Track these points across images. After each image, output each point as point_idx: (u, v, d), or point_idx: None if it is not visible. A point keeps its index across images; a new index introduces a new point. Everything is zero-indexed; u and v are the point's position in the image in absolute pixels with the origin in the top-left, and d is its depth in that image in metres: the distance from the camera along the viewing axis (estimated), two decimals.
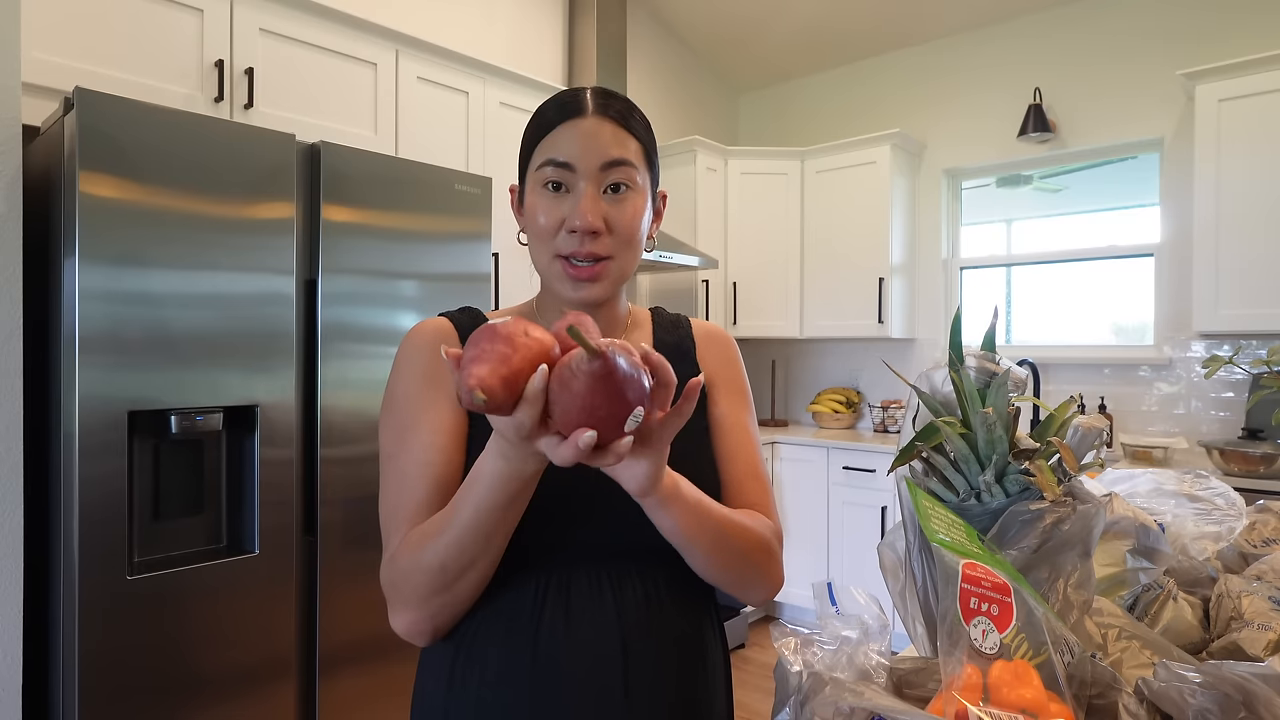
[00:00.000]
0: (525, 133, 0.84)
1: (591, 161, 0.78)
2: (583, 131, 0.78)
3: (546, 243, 0.79)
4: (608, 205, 0.79)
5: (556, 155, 0.78)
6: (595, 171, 0.78)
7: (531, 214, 0.80)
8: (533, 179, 0.80)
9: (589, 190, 0.78)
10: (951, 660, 0.54)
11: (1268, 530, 0.92)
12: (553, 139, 0.79)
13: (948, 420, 0.71)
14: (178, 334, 1.61)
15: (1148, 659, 0.65)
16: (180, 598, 1.60)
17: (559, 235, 0.78)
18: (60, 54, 1.84)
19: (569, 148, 0.78)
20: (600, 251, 0.78)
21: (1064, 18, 3.47)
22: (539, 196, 0.79)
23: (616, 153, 0.79)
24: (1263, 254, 2.72)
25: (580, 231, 0.77)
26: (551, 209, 0.78)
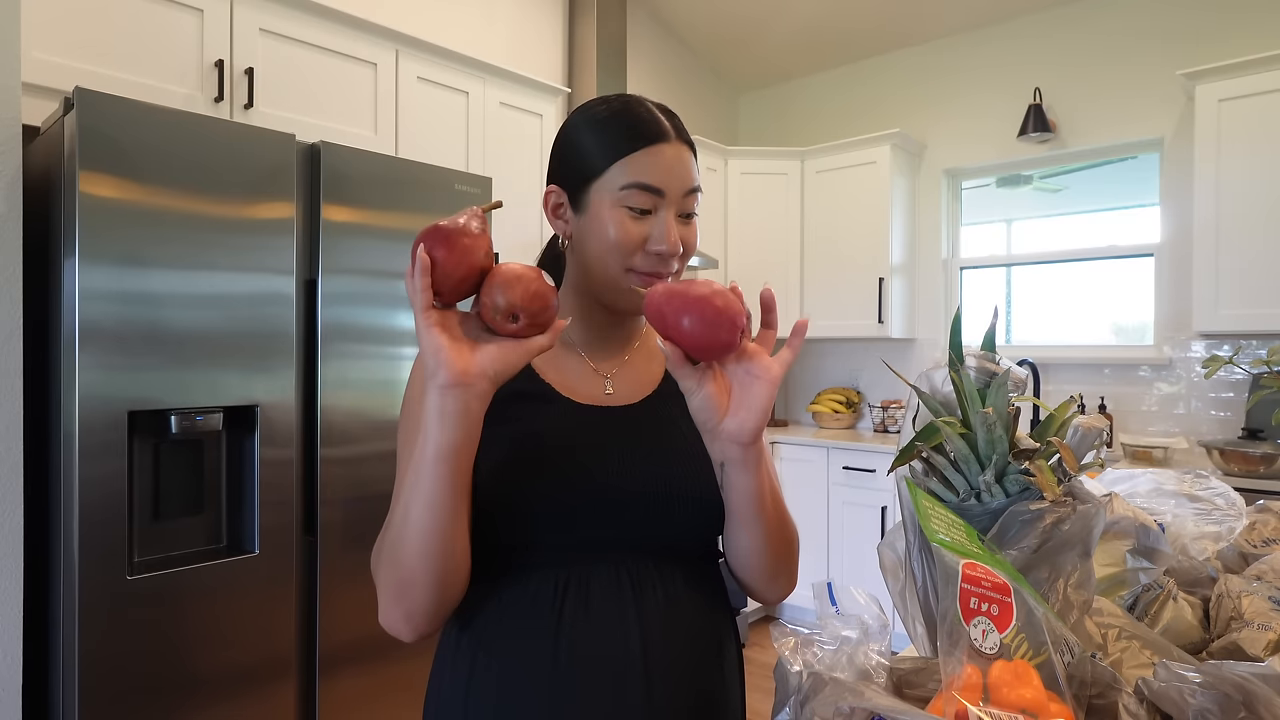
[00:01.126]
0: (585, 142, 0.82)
1: (678, 190, 0.81)
2: (670, 159, 0.81)
3: (620, 257, 0.80)
4: (681, 228, 0.82)
5: (647, 180, 0.79)
6: (679, 198, 0.81)
7: (601, 227, 0.80)
8: (612, 196, 0.80)
9: (671, 216, 0.81)
10: (951, 660, 0.54)
11: (1268, 530, 0.92)
12: (638, 162, 0.79)
13: (948, 420, 0.71)
14: (178, 334, 1.61)
15: (1148, 659, 0.65)
16: (180, 598, 1.60)
17: (637, 254, 0.80)
18: (60, 54, 1.84)
19: (659, 175, 0.80)
20: (671, 270, 0.82)
21: (1064, 18, 3.47)
22: (618, 214, 0.80)
23: (695, 181, 0.83)
24: (1263, 254, 2.72)
25: (665, 254, 0.80)
26: (634, 229, 0.80)
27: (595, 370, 0.87)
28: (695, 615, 0.82)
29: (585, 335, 0.88)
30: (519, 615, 0.77)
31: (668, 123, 0.82)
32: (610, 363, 0.88)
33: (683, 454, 0.83)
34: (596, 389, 0.86)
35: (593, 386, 0.86)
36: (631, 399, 0.86)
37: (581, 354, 0.87)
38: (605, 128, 0.82)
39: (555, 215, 0.86)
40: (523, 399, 0.82)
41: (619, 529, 0.79)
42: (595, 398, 0.85)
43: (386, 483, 1.97)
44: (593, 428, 0.82)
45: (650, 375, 0.90)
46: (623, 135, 0.80)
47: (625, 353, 0.90)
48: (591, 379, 0.86)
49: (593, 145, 0.81)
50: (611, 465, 0.80)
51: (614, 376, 0.87)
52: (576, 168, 0.83)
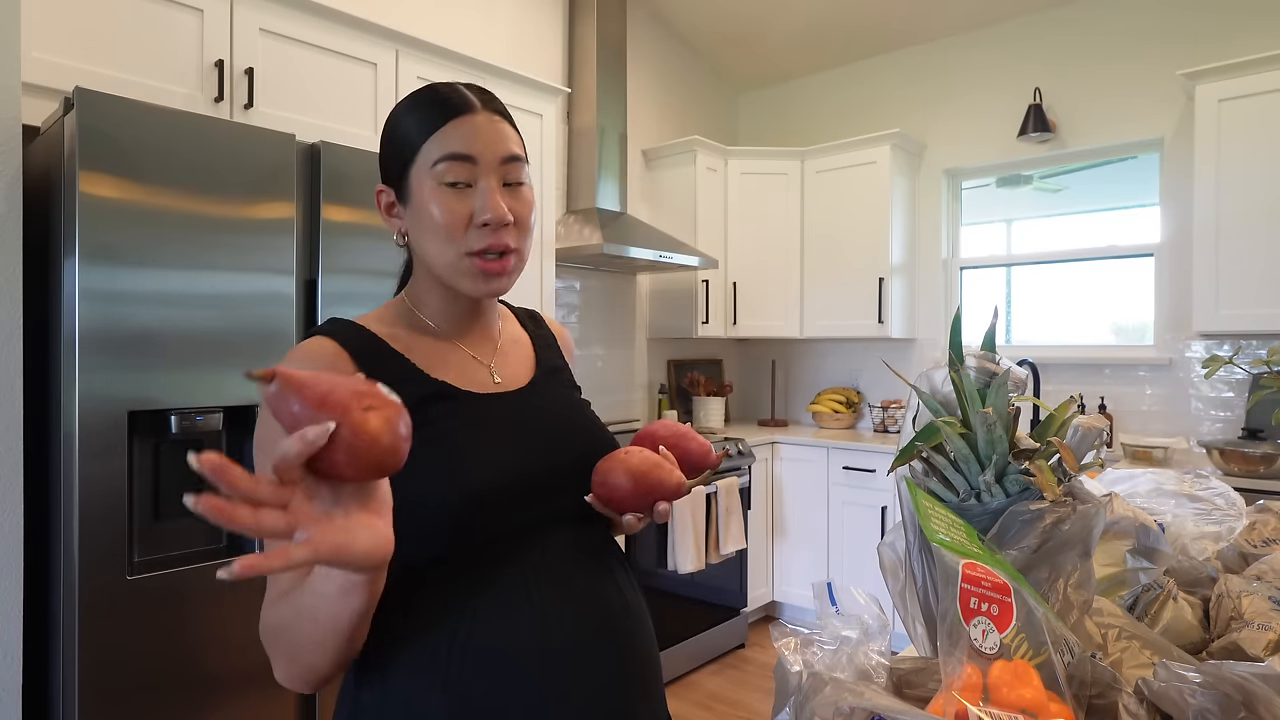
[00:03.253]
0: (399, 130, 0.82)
1: (493, 156, 0.80)
2: (477, 127, 0.80)
3: (453, 241, 0.79)
4: (509, 198, 0.81)
5: (457, 149, 0.78)
6: (497, 165, 0.80)
7: (425, 212, 0.79)
8: (428, 175, 0.79)
9: (493, 183, 0.79)
10: (951, 660, 0.54)
11: (1268, 530, 0.92)
12: (445, 135, 0.79)
13: (948, 420, 0.71)
14: (178, 334, 1.61)
15: (1148, 659, 0.65)
16: (180, 597, 1.60)
17: (468, 232, 0.79)
18: (60, 54, 1.83)
19: (468, 142, 0.79)
20: (510, 242, 0.81)
21: (1064, 18, 3.47)
22: (437, 194, 0.79)
23: (513, 148, 0.82)
24: (1263, 254, 2.72)
25: (493, 224, 0.79)
26: (456, 206, 0.78)
27: (476, 360, 0.88)
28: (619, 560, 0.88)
29: (456, 327, 0.88)
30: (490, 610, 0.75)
31: (474, 96, 0.81)
32: (486, 351, 0.90)
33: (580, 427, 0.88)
34: (484, 378, 0.87)
35: (480, 376, 0.87)
36: (519, 383, 0.89)
37: (459, 346, 0.88)
38: (412, 112, 0.82)
39: (389, 214, 0.86)
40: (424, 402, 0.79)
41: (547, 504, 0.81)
42: (487, 386, 0.86)
43: None
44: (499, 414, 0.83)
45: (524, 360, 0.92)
46: (428, 114, 0.80)
47: (494, 339, 0.91)
48: (476, 369, 0.87)
49: (403, 132, 0.82)
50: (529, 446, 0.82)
51: (495, 364, 0.89)
52: (394, 159, 0.83)
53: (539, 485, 0.80)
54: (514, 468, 0.79)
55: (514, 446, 0.81)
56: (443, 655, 0.73)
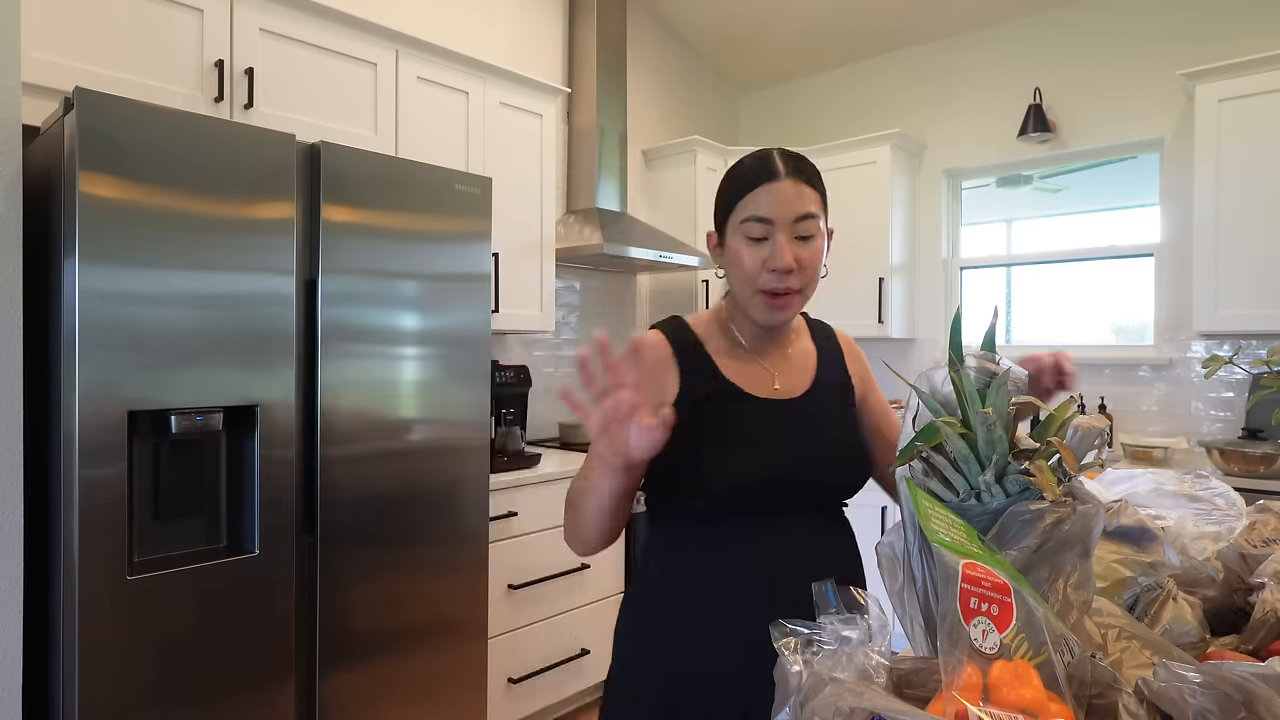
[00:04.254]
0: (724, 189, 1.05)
1: (787, 217, 1.00)
2: (779, 193, 1.00)
3: (750, 281, 1.02)
4: (798, 249, 1.01)
5: (756, 213, 1.00)
6: (790, 224, 1.00)
7: (736, 257, 1.03)
8: (737, 230, 1.02)
9: (784, 239, 1.00)
10: (951, 660, 0.54)
11: (1268, 530, 0.92)
12: (752, 199, 1.01)
13: (948, 420, 0.71)
14: (177, 334, 1.61)
15: (1148, 659, 0.65)
16: (180, 597, 1.60)
17: (761, 275, 1.01)
18: (60, 54, 1.84)
19: (768, 207, 1.00)
20: (793, 285, 1.01)
21: (1064, 18, 3.46)
22: (743, 244, 1.02)
23: (808, 208, 1.01)
24: (1263, 254, 2.72)
25: (779, 270, 1.00)
26: (754, 254, 1.01)
27: (764, 367, 1.10)
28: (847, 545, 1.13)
29: (752, 337, 1.11)
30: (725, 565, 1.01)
31: (780, 164, 1.02)
32: (774, 360, 1.11)
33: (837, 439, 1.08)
34: (767, 382, 1.09)
35: (763, 380, 1.09)
36: (795, 392, 1.09)
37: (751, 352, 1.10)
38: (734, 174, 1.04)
39: (713, 253, 1.10)
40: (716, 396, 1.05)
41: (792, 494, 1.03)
42: (767, 391, 1.08)
43: (387, 482, 1.98)
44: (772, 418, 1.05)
45: (806, 371, 1.13)
46: (744, 179, 1.02)
47: (786, 352, 1.13)
48: (761, 374, 1.09)
49: (726, 191, 1.05)
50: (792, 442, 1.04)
51: (779, 373, 1.10)
52: (718, 211, 1.07)
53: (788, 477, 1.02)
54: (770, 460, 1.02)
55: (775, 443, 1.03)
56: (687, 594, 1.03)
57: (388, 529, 1.98)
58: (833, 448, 1.07)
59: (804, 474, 1.03)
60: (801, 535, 1.04)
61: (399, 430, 2.01)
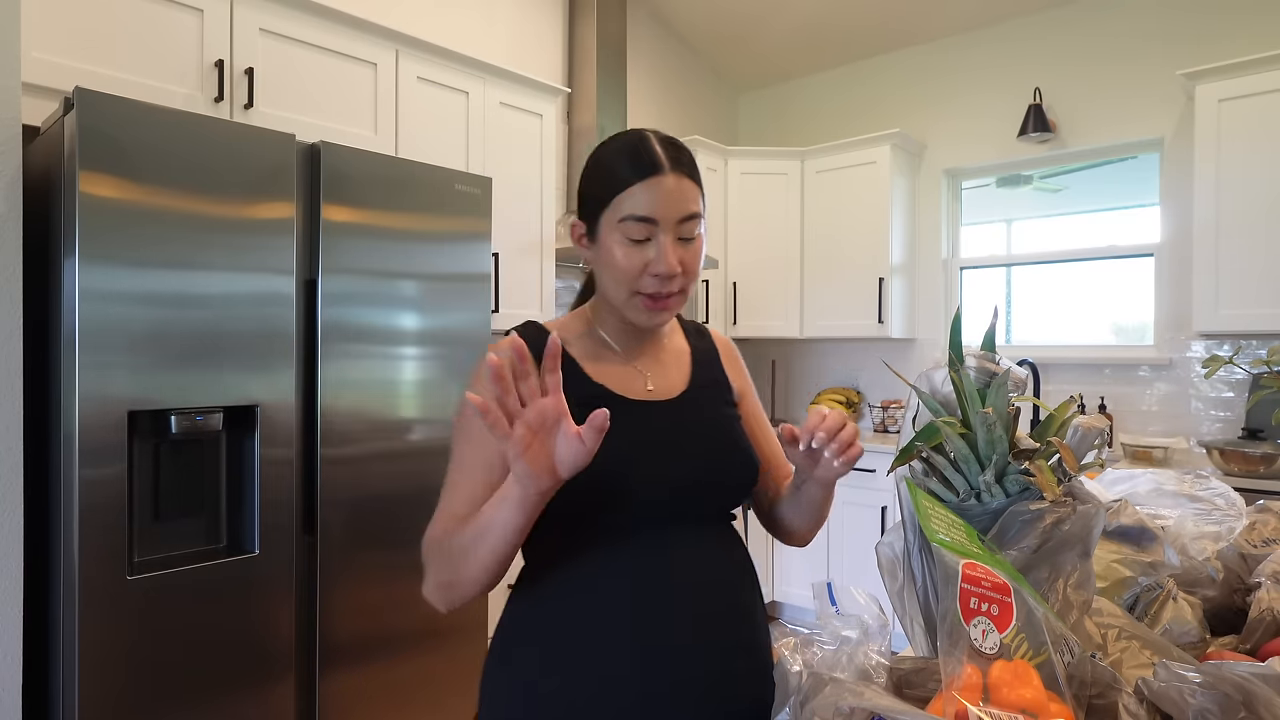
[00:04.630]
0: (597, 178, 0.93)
1: (672, 217, 0.91)
2: (663, 190, 0.90)
3: (629, 284, 0.92)
4: (681, 250, 0.92)
5: (640, 212, 0.90)
6: (674, 225, 0.91)
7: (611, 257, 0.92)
8: (614, 228, 0.91)
9: (668, 240, 0.91)
10: (951, 660, 0.54)
11: (1268, 530, 0.92)
12: (634, 196, 0.90)
13: (948, 420, 0.71)
14: (177, 334, 1.61)
15: (1148, 659, 0.65)
16: (180, 598, 1.60)
17: (642, 278, 0.91)
18: (60, 54, 1.83)
19: (651, 206, 0.90)
20: (675, 288, 0.93)
21: (1064, 18, 3.46)
22: (620, 244, 0.91)
23: (691, 208, 0.92)
24: (1263, 254, 2.72)
25: (663, 275, 0.91)
26: (634, 255, 0.91)
27: (635, 369, 1.00)
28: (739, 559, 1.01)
29: (621, 338, 1.01)
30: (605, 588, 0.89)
31: (665, 156, 0.91)
32: (645, 360, 1.02)
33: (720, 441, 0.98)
34: (639, 385, 0.99)
35: (635, 382, 0.99)
36: (670, 394, 1.00)
37: (621, 354, 1.01)
38: (609, 163, 0.93)
39: (579, 244, 0.99)
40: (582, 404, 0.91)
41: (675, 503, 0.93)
42: (639, 393, 0.98)
43: (387, 482, 1.97)
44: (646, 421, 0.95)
45: (680, 372, 1.04)
46: (623, 171, 0.91)
47: (657, 352, 1.04)
48: (633, 375, 0.99)
49: (600, 182, 0.93)
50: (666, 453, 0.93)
51: (651, 374, 1.01)
52: (590, 203, 0.95)
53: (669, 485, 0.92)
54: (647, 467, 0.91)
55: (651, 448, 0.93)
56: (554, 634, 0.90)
57: (387, 529, 1.98)
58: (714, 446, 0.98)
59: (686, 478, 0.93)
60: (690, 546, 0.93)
61: (399, 430, 2.01)
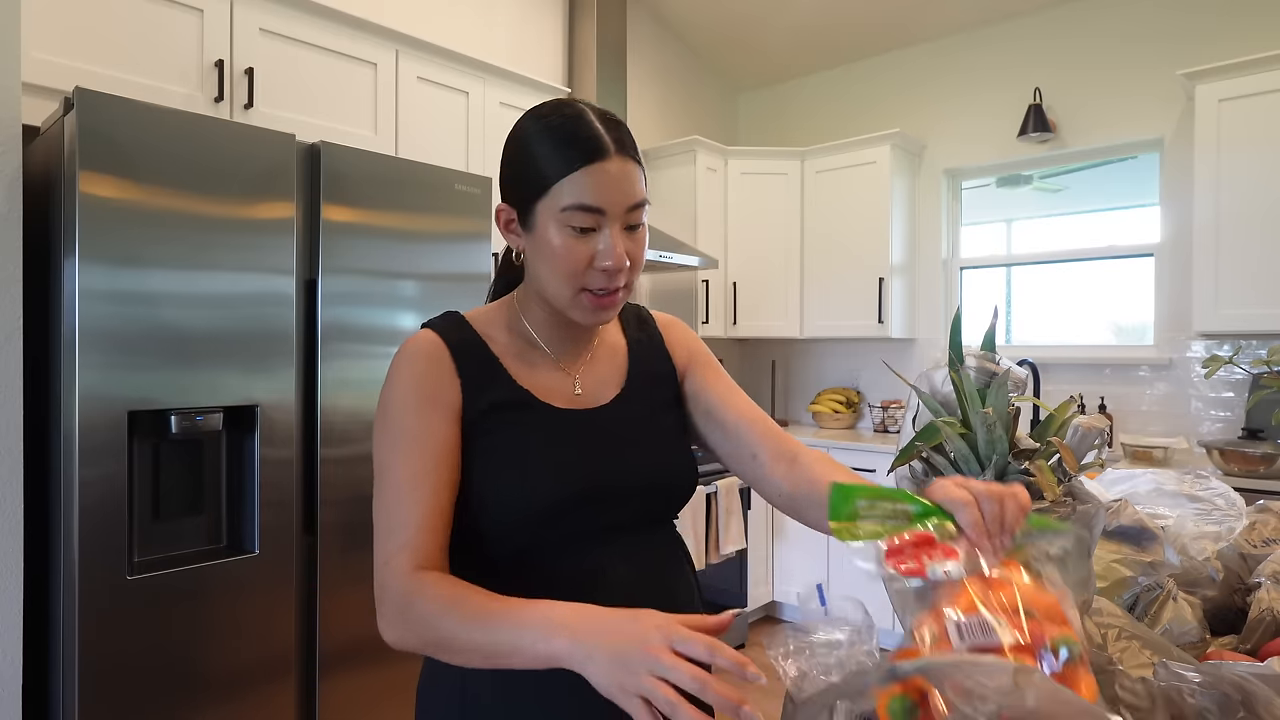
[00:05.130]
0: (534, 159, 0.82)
1: (620, 206, 0.82)
2: (610, 176, 0.81)
3: (573, 278, 0.82)
4: (628, 241, 0.83)
5: (587, 201, 0.80)
6: (622, 214, 0.82)
7: (550, 249, 0.82)
8: (555, 217, 0.81)
9: (616, 231, 0.82)
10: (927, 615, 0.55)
11: (1268, 530, 0.92)
12: (577, 182, 0.80)
13: (948, 420, 0.71)
14: (177, 334, 1.61)
15: (1148, 659, 0.65)
16: (180, 598, 1.60)
17: (587, 272, 0.82)
18: (60, 54, 1.83)
19: (599, 194, 0.80)
20: (621, 283, 0.84)
21: (1064, 18, 3.46)
22: (563, 235, 0.81)
23: (639, 195, 0.83)
24: (1263, 254, 2.72)
25: (611, 270, 0.82)
26: (578, 248, 0.81)
27: (563, 371, 0.91)
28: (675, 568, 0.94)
29: (550, 335, 0.92)
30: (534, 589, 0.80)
31: (609, 137, 0.82)
32: (576, 362, 0.93)
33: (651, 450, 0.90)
34: (566, 389, 0.90)
35: (563, 386, 0.90)
36: (601, 399, 0.91)
37: (549, 354, 0.92)
38: (544, 144, 0.82)
39: (508, 230, 0.88)
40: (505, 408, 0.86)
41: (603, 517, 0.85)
42: (567, 398, 0.90)
43: None
44: (572, 430, 0.87)
45: (614, 370, 0.95)
46: (562, 154, 0.80)
47: (588, 352, 0.94)
48: (561, 379, 0.91)
49: (535, 164, 0.82)
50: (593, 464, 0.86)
51: (580, 376, 0.92)
52: (522, 187, 0.84)
53: (595, 498, 0.84)
54: (572, 480, 0.83)
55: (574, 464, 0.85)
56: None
57: None
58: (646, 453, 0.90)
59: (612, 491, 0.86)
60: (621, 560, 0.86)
61: None
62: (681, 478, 0.91)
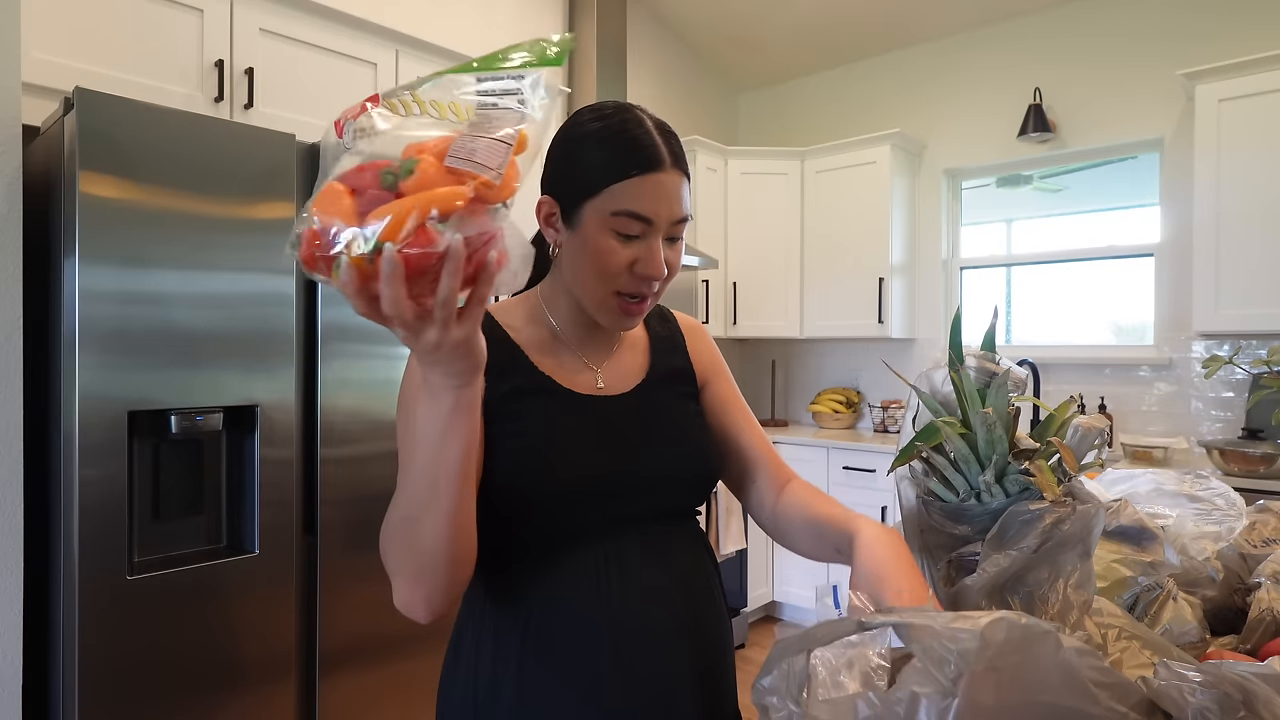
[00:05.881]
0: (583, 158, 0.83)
1: (667, 218, 0.83)
2: (664, 188, 0.82)
3: (607, 279, 0.83)
4: (668, 252, 0.85)
5: (639, 210, 0.81)
6: (668, 226, 0.83)
7: (591, 247, 0.83)
8: (604, 219, 0.82)
9: (659, 244, 0.83)
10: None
11: (1268, 530, 0.92)
12: (632, 190, 0.81)
13: (948, 420, 0.71)
14: (178, 334, 1.61)
15: (1148, 659, 0.65)
16: (180, 598, 1.60)
17: (623, 276, 0.83)
18: (60, 54, 1.84)
19: (651, 205, 0.81)
20: (654, 290, 0.86)
21: (1064, 18, 3.47)
22: (607, 238, 0.82)
23: (687, 211, 0.85)
24: (1263, 254, 2.72)
25: (650, 278, 0.83)
26: (621, 252, 0.82)
27: (585, 363, 0.92)
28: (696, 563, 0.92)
29: (574, 331, 0.93)
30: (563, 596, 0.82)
31: (665, 149, 0.83)
32: (598, 356, 0.94)
33: (674, 437, 0.91)
34: (589, 379, 0.91)
35: (585, 377, 0.91)
36: (622, 389, 0.92)
37: (571, 347, 0.93)
38: (604, 148, 0.82)
39: (547, 224, 0.88)
40: (527, 394, 0.86)
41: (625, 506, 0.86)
42: (589, 387, 0.90)
43: (387, 482, 1.97)
44: (595, 415, 0.88)
45: (635, 364, 0.96)
46: (620, 159, 0.81)
47: (612, 346, 0.95)
48: (583, 370, 0.92)
49: (590, 164, 0.82)
50: (616, 450, 0.86)
51: (603, 370, 0.93)
52: (572, 183, 0.84)
53: (618, 488, 0.85)
54: (593, 469, 0.84)
55: (598, 448, 0.85)
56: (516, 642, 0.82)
57: None
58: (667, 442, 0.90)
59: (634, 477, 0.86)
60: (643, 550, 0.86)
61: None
62: (703, 465, 0.92)
